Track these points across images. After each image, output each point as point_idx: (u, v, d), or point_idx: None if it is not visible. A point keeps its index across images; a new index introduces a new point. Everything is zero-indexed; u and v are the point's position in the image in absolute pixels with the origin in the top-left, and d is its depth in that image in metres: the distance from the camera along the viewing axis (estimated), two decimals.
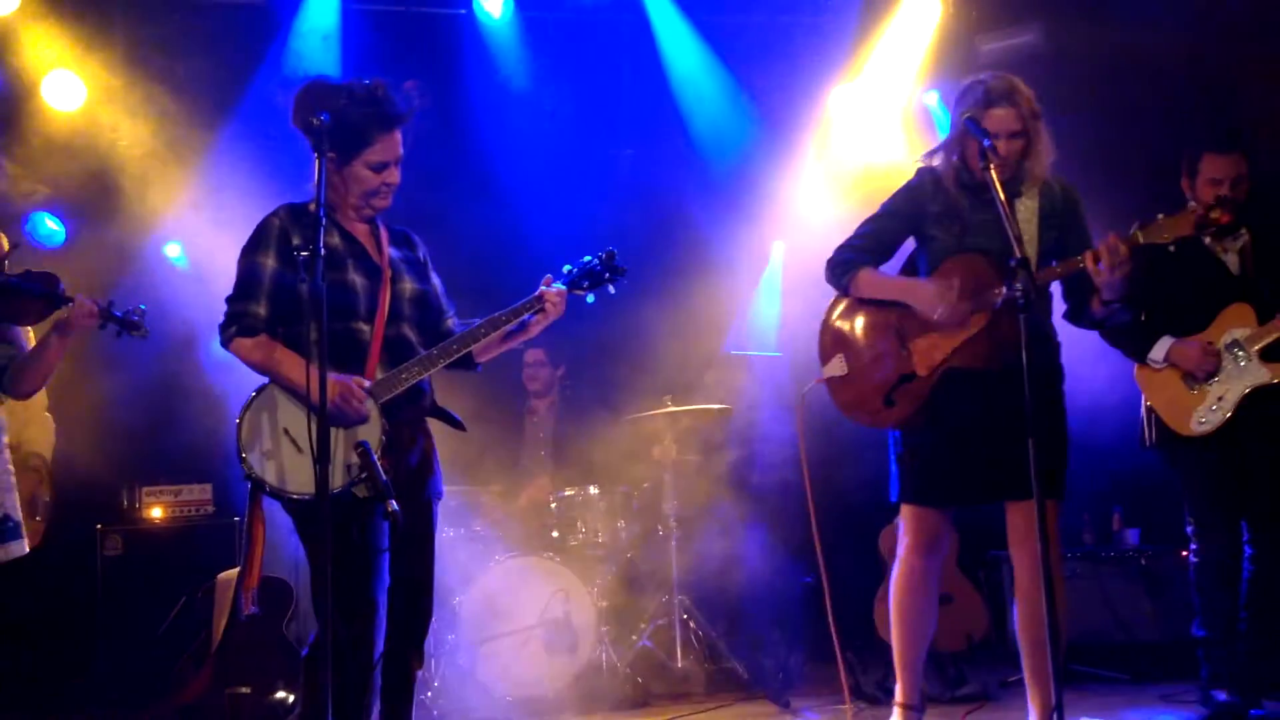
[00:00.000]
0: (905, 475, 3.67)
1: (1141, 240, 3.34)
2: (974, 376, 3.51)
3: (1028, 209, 3.54)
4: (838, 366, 3.72)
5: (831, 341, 3.77)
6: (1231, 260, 4.27)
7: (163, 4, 6.11)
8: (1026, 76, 6.15)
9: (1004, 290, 3.42)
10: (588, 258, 3.42)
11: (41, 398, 4.75)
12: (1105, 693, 4.91)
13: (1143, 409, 4.40)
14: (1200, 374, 4.16)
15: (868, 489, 3.96)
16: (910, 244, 3.80)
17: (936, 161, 3.64)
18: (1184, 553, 5.14)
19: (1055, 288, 3.66)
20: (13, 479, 3.56)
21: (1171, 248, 3.92)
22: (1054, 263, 3.53)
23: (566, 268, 3.42)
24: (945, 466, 3.58)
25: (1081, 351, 4.53)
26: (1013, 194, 3.51)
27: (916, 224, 3.68)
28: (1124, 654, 5.27)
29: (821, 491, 4.00)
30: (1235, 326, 4.19)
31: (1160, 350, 4.22)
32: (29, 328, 3.70)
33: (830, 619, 3.97)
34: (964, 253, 3.55)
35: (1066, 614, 3.55)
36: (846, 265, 3.70)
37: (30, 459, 4.59)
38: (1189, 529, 4.35)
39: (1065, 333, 3.70)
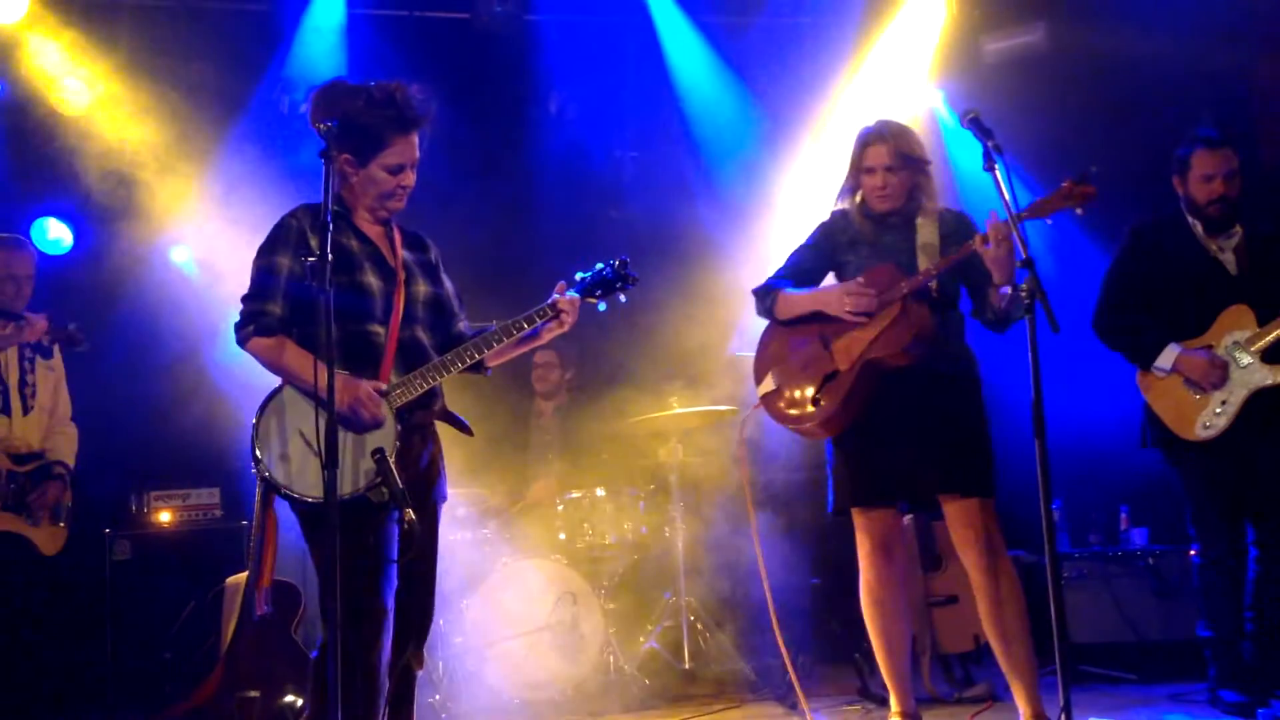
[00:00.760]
0: (840, 483, 3.86)
1: (1024, 217, 3.46)
2: (892, 370, 3.73)
3: (928, 231, 3.83)
4: (769, 384, 3.95)
5: (763, 364, 4.01)
6: (1229, 260, 4.28)
7: (168, 9, 6.12)
8: (1029, 76, 6.22)
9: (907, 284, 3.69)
10: (600, 265, 3.41)
11: (65, 407, 4.83)
12: (1114, 693, 4.90)
13: (1143, 411, 4.39)
14: (1206, 385, 4.16)
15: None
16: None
17: (846, 198, 3.96)
18: (1191, 552, 5.14)
19: (964, 304, 3.91)
20: None
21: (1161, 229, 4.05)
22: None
23: (579, 275, 3.42)
24: (876, 464, 3.76)
25: (1085, 353, 4.54)
26: (910, 218, 3.85)
27: (832, 254, 3.97)
28: (1132, 654, 5.26)
29: (824, 495, 4.04)
30: (1235, 329, 4.18)
31: (1167, 359, 4.23)
32: None
33: (775, 624, 4.19)
34: (871, 267, 3.82)
35: (1022, 613, 3.67)
36: (767, 291, 3.98)
37: (55, 467, 4.65)
38: (1191, 530, 4.35)
39: (1071, 335, 3.69)
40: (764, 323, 4.06)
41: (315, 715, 3.09)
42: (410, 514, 2.91)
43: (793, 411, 3.87)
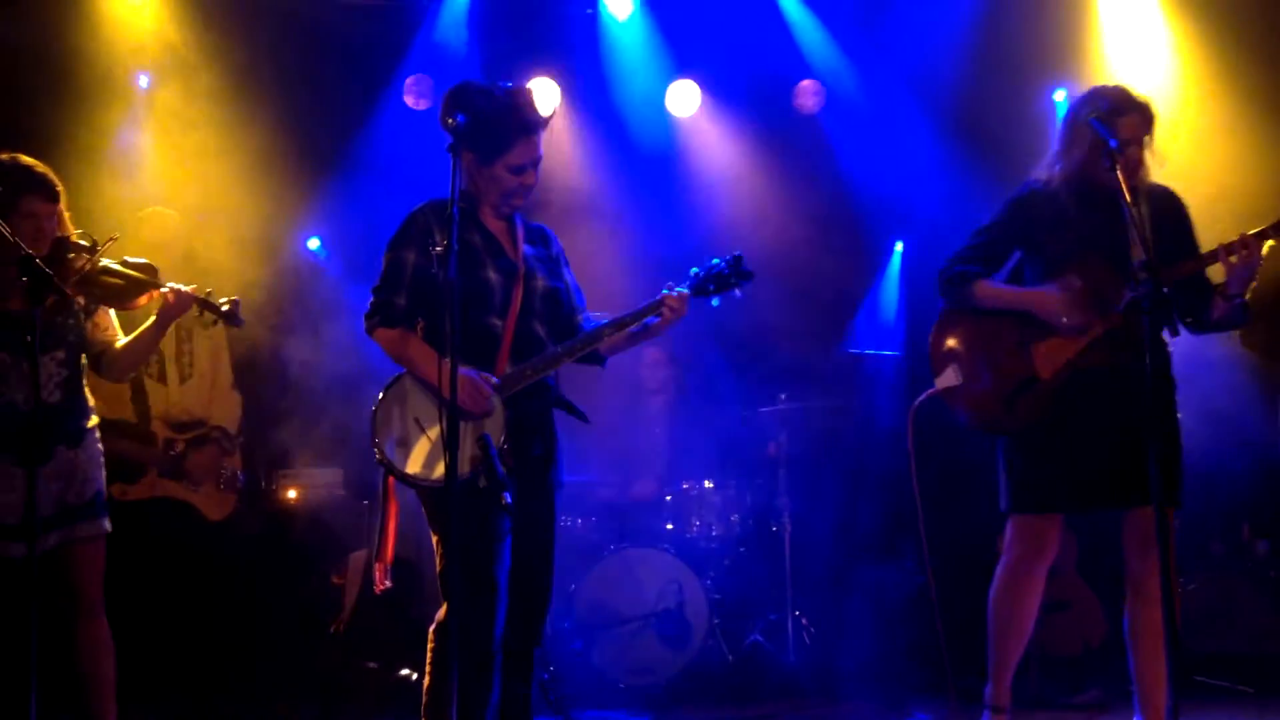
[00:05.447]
0: (1014, 483, 3.69)
1: (1273, 236, 3.34)
2: (1096, 378, 3.53)
3: (1141, 215, 3.52)
4: (951, 377, 3.76)
5: (943, 354, 3.79)
6: None
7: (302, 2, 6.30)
8: (1156, 73, 6.03)
9: (1128, 293, 3.43)
10: (715, 261, 3.47)
11: (227, 374, 4.93)
12: (1230, 705, 4.78)
13: None
14: None
15: (984, 490, 3.96)
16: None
17: (1047, 172, 3.68)
18: None
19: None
20: (101, 456, 3.68)
21: None
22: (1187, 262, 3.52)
23: (694, 270, 3.47)
24: (1057, 472, 3.59)
25: (1206, 363, 4.42)
26: (1133, 199, 3.50)
27: (1026, 234, 3.71)
28: (1250, 666, 5.12)
29: (938, 493, 4.00)
30: None
31: None
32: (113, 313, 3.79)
33: (939, 625, 4.04)
34: (1082, 258, 3.57)
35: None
36: (962, 278, 3.72)
37: (212, 432, 4.76)
38: None
39: (1190, 344, 3.62)
40: (886, 320, 3.98)
41: (432, 688, 3.23)
42: (506, 497, 2.99)
43: (981, 413, 3.71)
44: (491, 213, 3.41)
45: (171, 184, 5.84)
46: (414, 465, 3.21)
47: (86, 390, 3.70)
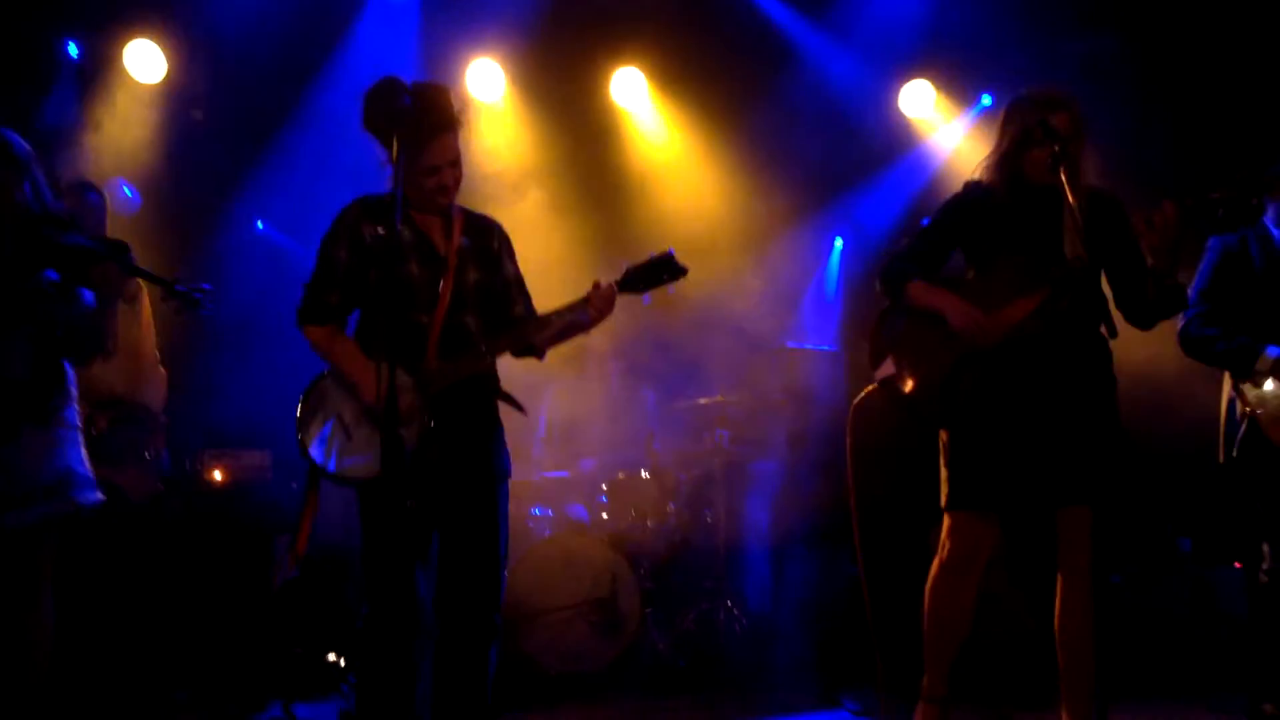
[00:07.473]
0: (955, 477, 3.68)
1: (1190, 204, 3.42)
2: (1033, 350, 3.56)
3: (1076, 208, 3.55)
4: (891, 366, 3.76)
5: (883, 345, 3.81)
6: None
7: None
8: (1102, 81, 6.15)
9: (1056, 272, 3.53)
10: (647, 257, 3.45)
11: (151, 352, 4.71)
12: (1151, 702, 4.88)
13: (1231, 418, 4.24)
14: None
15: (920, 486, 3.99)
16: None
17: (985, 172, 3.73)
18: (1236, 564, 5.08)
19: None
20: (78, 433, 3.53)
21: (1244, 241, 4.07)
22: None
23: (628, 266, 3.45)
24: (996, 467, 3.59)
25: (1134, 360, 4.49)
26: (1059, 196, 3.54)
27: (962, 233, 3.75)
28: (1171, 662, 5.22)
29: (875, 487, 4.02)
30: None
31: (1266, 361, 4.11)
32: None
33: (868, 614, 4.06)
34: (1010, 251, 3.63)
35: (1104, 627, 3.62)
36: (899, 276, 3.75)
37: (136, 411, 4.59)
38: (1266, 546, 4.22)
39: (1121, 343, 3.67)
40: (824, 316, 4.01)
41: (358, 687, 3.23)
42: (411, 502, 3.06)
43: (924, 395, 3.69)
44: (423, 208, 3.37)
45: (114, 158, 5.73)
46: (334, 462, 3.25)
47: (65, 366, 3.51)
